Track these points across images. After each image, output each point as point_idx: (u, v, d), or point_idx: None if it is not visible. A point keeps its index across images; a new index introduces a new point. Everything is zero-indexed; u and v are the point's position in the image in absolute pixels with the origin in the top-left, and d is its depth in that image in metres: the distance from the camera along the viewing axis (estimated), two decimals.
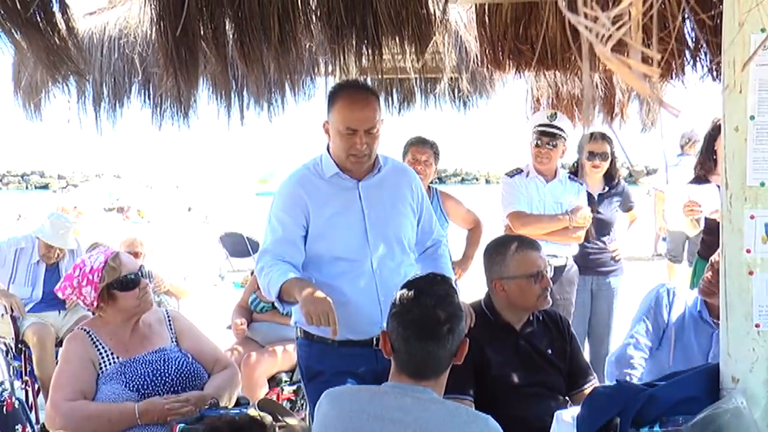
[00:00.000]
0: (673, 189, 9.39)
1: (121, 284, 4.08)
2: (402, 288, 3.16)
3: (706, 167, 5.96)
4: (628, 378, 4.14)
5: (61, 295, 4.32)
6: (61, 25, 3.73)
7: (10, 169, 65.84)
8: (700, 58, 4.31)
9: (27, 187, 58.71)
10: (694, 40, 3.98)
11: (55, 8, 3.76)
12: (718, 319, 4.25)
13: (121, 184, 32.66)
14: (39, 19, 3.73)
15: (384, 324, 3.13)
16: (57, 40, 3.68)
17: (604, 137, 6.42)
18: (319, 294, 3.72)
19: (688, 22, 3.81)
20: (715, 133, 5.81)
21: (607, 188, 6.47)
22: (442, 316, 2.96)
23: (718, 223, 5.59)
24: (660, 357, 4.37)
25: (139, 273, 4.15)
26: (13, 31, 3.65)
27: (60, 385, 3.98)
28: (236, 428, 3.16)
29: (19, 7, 3.52)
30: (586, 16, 1.38)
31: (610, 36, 1.34)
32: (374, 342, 3.95)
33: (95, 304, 4.12)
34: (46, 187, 54.76)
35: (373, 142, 4.06)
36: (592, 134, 6.45)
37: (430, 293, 3.12)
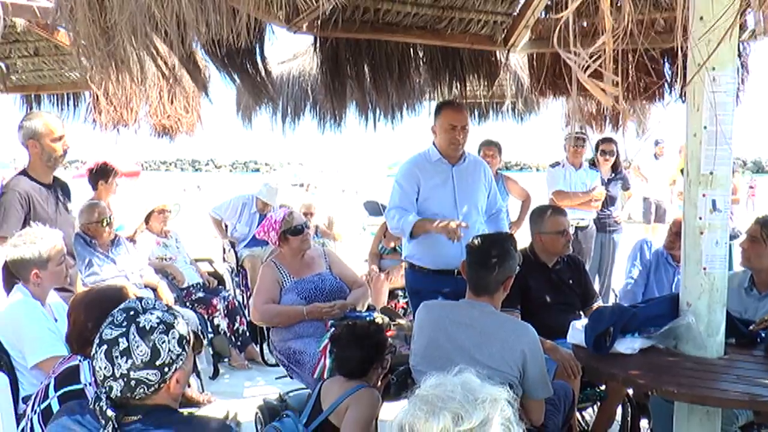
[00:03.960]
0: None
1: (292, 231, 4.17)
2: (476, 235, 3.18)
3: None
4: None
5: (257, 236, 4.44)
6: (261, 70, 3.81)
7: (237, 159, 67.86)
8: (674, 88, 4.19)
9: (246, 171, 60.26)
10: (671, 75, 3.87)
11: (258, 59, 3.83)
12: (677, 262, 4.19)
13: (302, 169, 33.19)
14: (248, 67, 3.82)
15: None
16: (258, 79, 3.76)
17: (611, 140, 6.39)
18: (442, 220, 3.85)
19: (666, 64, 3.70)
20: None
21: (613, 174, 6.37)
22: (492, 252, 2.95)
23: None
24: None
25: (304, 225, 4.23)
26: (232, 73, 3.75)
27: (259, 294, 4.10)
28: (363, 332, 3.20)
29: (236, 59, 3.62)
30: (574, 53, 1.36)
31: (588, 66, 1.32)
32: (455, 272, 3.96)
33: (277, 243, 4.24)
34: (257, 170, 56.13)
35: (465, 136, 4.14)
36: (604, 138, 6.41)
37: (491, 239, 3.15)
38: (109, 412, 1.74)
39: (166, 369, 1.79)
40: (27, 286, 3.21)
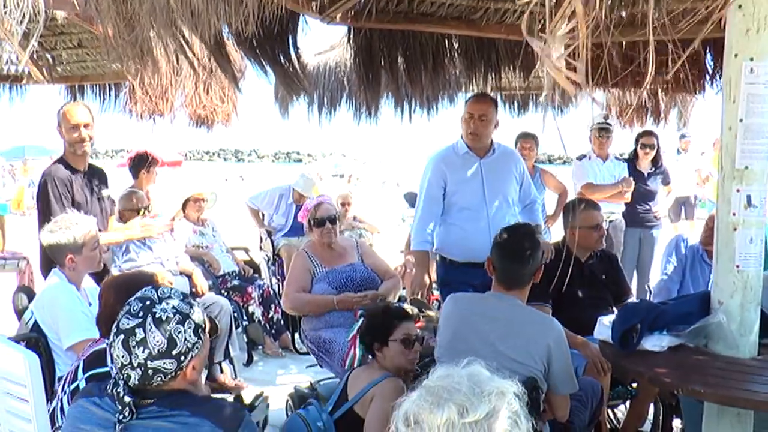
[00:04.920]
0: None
1: (315, 222, 4.19)
2: (501, 229, 3.14)
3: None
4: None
5: (300, 219, 4.49)
6: (294, 61, 3.82)
7: (279, 149, 68.51)
8: (715, 80, 4.07)
9: (289, 161, 60.78)
10: (712, 68, 3.74)
11: (291, 52, 3.84)
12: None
13: (344, 160, 33.34)
14: (282, 59, 3.84)
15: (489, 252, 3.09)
16: (291, 70, 3.78)
17: (651, 133, 6.24)
18: (422, 276, 3.95)
19: (709, 55, 3.59)
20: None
21: (653, 168, 6.21)
22: (525, 245, 2.93)
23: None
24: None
25: (327, 219, 4.20)
26: (264, 64, 3.78)
27: (290, 283, 4.13)
28: (390, 313, 3.23)
29: (268, 51, 3.64)
30: (544, 40, 1.34)
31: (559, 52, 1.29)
32: (484, 264, 3.94)
33: (308, 230, 4.29)
34: (300, 161, 56.49)
35: (484, 127, 4.10)
36: (645, 131, 6.27)
37: (519, 231, 3.11)
38: (126, 398, 1.79)
39: (183, 358, 1.83)
40: (63, 271, 3.31)
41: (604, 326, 2.87)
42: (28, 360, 2.22)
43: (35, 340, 3.12)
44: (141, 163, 6.04)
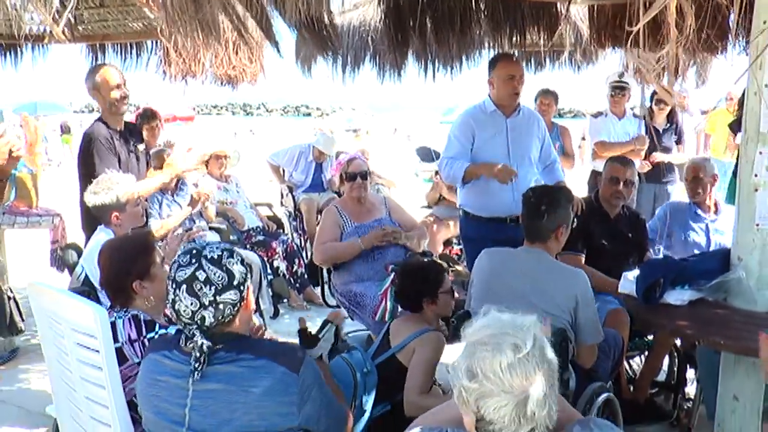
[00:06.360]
0: None
1: (347, 176, 4.34)
2: (529, 188, 3.32)
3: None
4: None
5: (332, 174, 4.61)
6: (327, 23, 3.90)
7: (289, 103, 68.26)
8: (738, 41, 4.12)
9: (298, 115, 60.57)
10: (735, 27, 3.77)
11: (324, 13, 3.91)
12: (706, 211, 4.26)
13: (355, 114, 33.16)
14: (313, 21, 3.92)
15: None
16: (325, 33, 3.87)
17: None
18: (494, 164, 4.00)
19: (732, 15, 3.61)
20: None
21: (668, 124, 6.28)
22: (543, 200, 3.10)
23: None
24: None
25: (358, 174, 4.34)
26: (297, 26, 3.86)
27: (320, 237, 4.30)
28: (424, 267, 3.40)
29: (301, 14, 3.72)
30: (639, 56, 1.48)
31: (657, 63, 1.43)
32: (507, 219, 4.13)
33: (340, 184, 4.45)
34: (309, 114, 56.34)
35: (522, 86, 4.25)
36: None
37: (541, 190, 3.33)
38: (204, 346, 1.91)
39: (242, 287, 2.00)
40: (110, 227, 3.48)
41: (629, 281, 3.04)
42: (99, 314, 2.37)
43: (87, 293, 3.31)
44: (140, 120, 6.16)
